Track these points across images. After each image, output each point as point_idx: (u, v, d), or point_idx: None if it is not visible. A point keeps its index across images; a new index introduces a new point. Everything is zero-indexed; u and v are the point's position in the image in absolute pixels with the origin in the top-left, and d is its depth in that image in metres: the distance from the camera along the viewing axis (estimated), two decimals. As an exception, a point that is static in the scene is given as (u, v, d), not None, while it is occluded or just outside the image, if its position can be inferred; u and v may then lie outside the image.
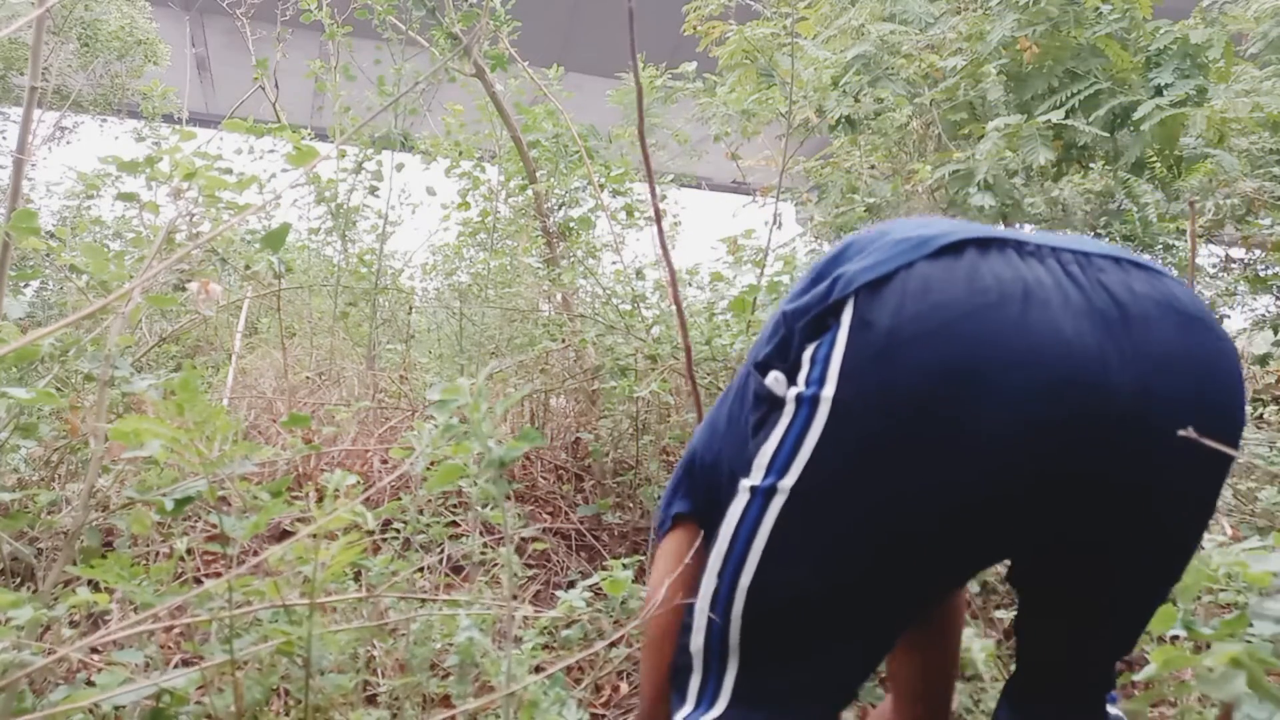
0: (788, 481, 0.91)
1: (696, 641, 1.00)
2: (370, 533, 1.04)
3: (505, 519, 1.05)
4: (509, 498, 2.61)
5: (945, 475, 0.82)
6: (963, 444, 0.81)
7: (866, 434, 0.85)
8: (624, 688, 1.91)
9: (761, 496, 0.94)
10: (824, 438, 0.88)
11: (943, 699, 1.25)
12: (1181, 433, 0.79)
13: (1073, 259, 0.87)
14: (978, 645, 1.42)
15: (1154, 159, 4.14)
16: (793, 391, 0.92)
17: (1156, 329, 0.83)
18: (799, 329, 0.94)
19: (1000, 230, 0.90)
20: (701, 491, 1.21)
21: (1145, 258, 0.92)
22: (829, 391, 0.87)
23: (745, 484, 0.96)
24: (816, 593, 0.91)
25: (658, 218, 1.40)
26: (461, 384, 0.96)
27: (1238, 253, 3.98)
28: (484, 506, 1.56)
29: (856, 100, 4.19)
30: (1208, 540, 1.94)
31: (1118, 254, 0.89)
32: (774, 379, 0.97)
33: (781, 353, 0.98)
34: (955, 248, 0.86)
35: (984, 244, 0.87)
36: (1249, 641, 0.81)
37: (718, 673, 0.98)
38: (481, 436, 0.94)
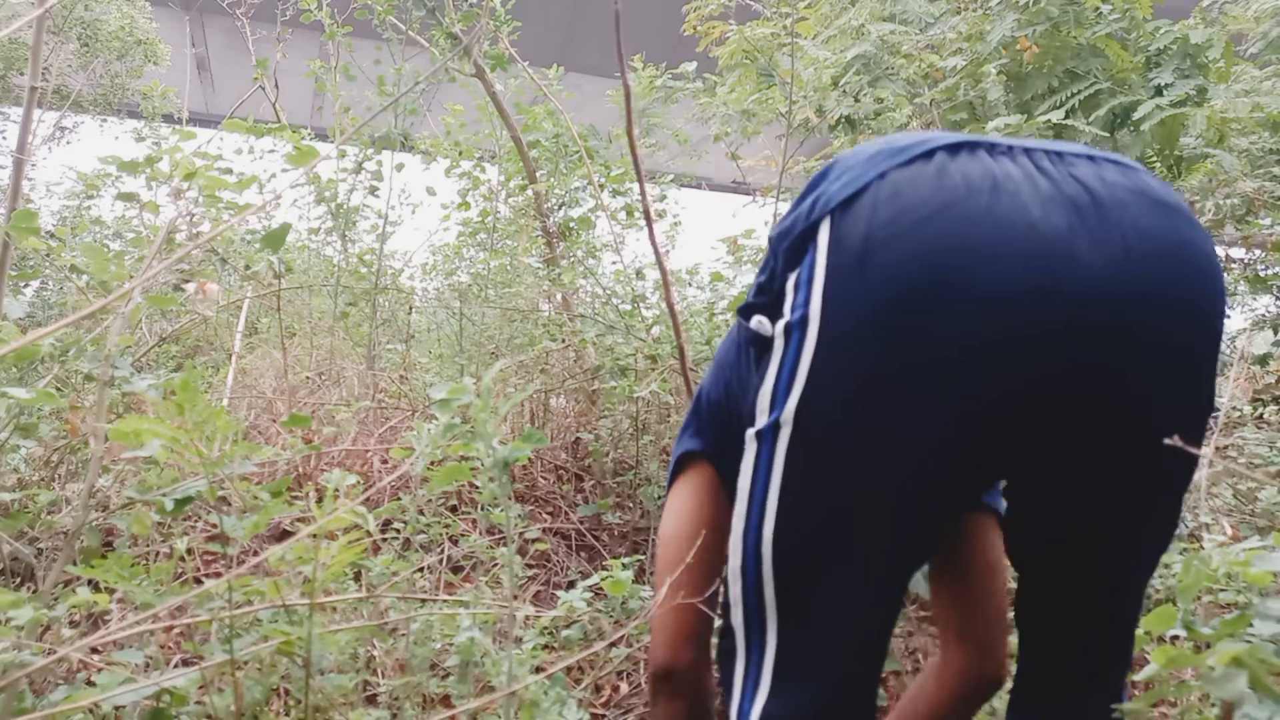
0: (789, 411, 0.90)
1: (736, 615, 0.99)
2: (368, 534, 1.03)
3: (509, 519, 1.05)
4: (510, 498, 2.61)
5: (933, 373, 0.82)
6: (942, 334, 0.81)
7: (856, 346, 0.85)
8: (624, 688, 1.91)
9: (769, 437, 0.93)
10: (816, 359, 0.88)
11: (995, 639, 1.22)
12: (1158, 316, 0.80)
13: (1044, 156, 0.87)
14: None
15: (1154, 159, 4.13)
16: (780, 325, 0.92)
17: (1129, 214, 0.83)
18: (782, 252, 0.94)
19: (972, 135, 0.91)
20: (710, 430, 1.22)
21: (1119, 155, 0.91)
22: (814, 310, 0.87)
23: (751, 433, 0.95)
24: (839, 528, 0.89)
25: (649, 220, 1.40)
26: (466, 383, 0.96)
27: (1238, 253, 3.97)
28: (486, 510, 1.56)
29: (856, 100, 4.19)
30: (1207, 540, 1.94)
31: (1091, 152, 0.89)
32: (757, 322, 0.98)
33: (764, 290, 0.99)
34: (926, 155, 0.87)
35: (954, 148, 0.88)
36: (1249, 641, 0.81)
37: (759, 648, 0.97)
38: (486, 437, 0.95)
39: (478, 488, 1.11)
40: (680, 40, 4.60)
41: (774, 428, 0.92)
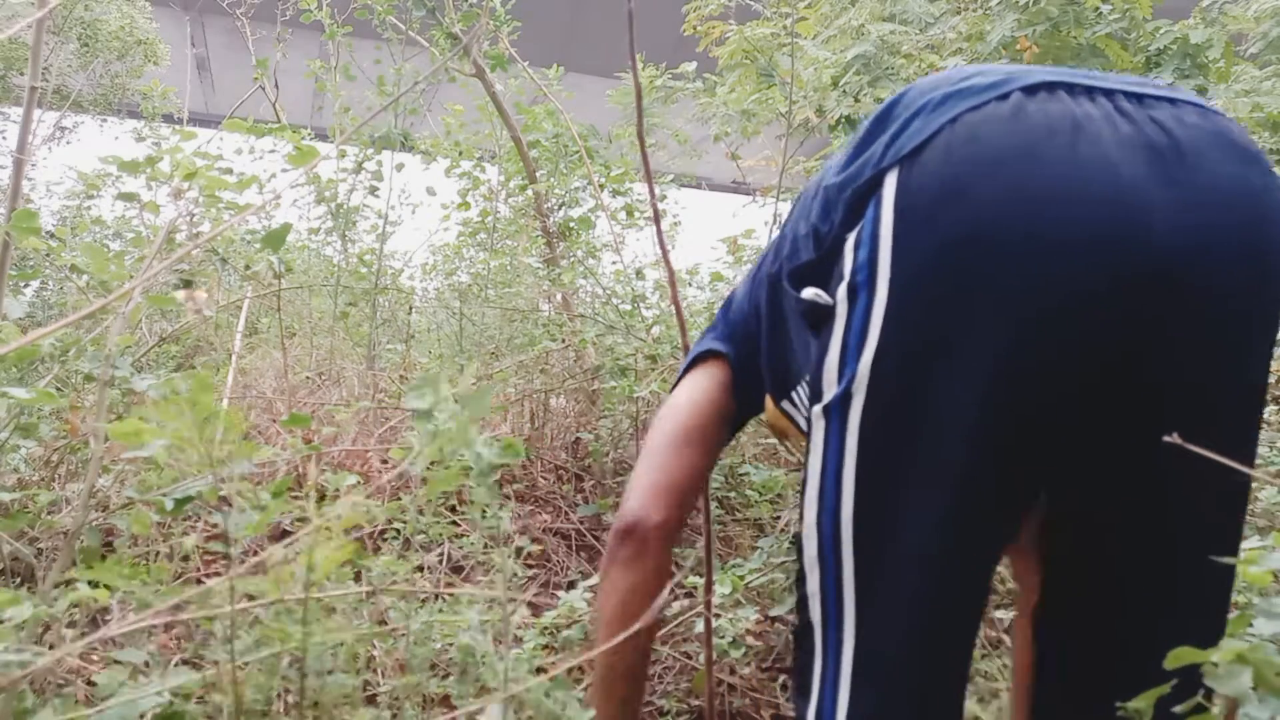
0: (861, 378, 0.84)
1: (815, 610, 0.91)
2: (361, 529, 1.03)
3: (500, 524, 1.05)
4: (508, 499, 2.61)
5: (995, 322, 0.78)
6: (1003, 281, 0.78)
7: (926, 298, 0.81)
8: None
9: (837, 410, 0.86)
10: (887, 318, 0.82)
11: None
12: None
13: (1124, 98, 0.83)
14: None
15: (1154, 159, 4.13)
16: (842, 288, 0.86)
17: (1209, 160, 0.80)
18: (843, 202, 0.88)
19: (1051, 72, 0.86)
20: (734, 341, 1.16)
21: (1199, 97, 0.87)
22: (883, 267, 0.82)
23: (818, 409, 0.89)
24: (919, 500, 0.83)
25: (656, 219, 1.40)
26: (443, 388, 0.91)
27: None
28: (482, 515, 1.55)
29: (856, 100, 4.19)
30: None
31: (1172, 94, 0.85)
32: (813, 294, 0.91)
33: (816, 246, 0.92)
34: (1003, 96, 0.83)
35: (1032, 89, 0.83)
36: (1250, 641, 0.81)
37: (836, 645, 0.89)
38: (470, 444, 0.91)
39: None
40: (680, 40, 4.60)
41: (844, 398, 0.85)
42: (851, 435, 0.86)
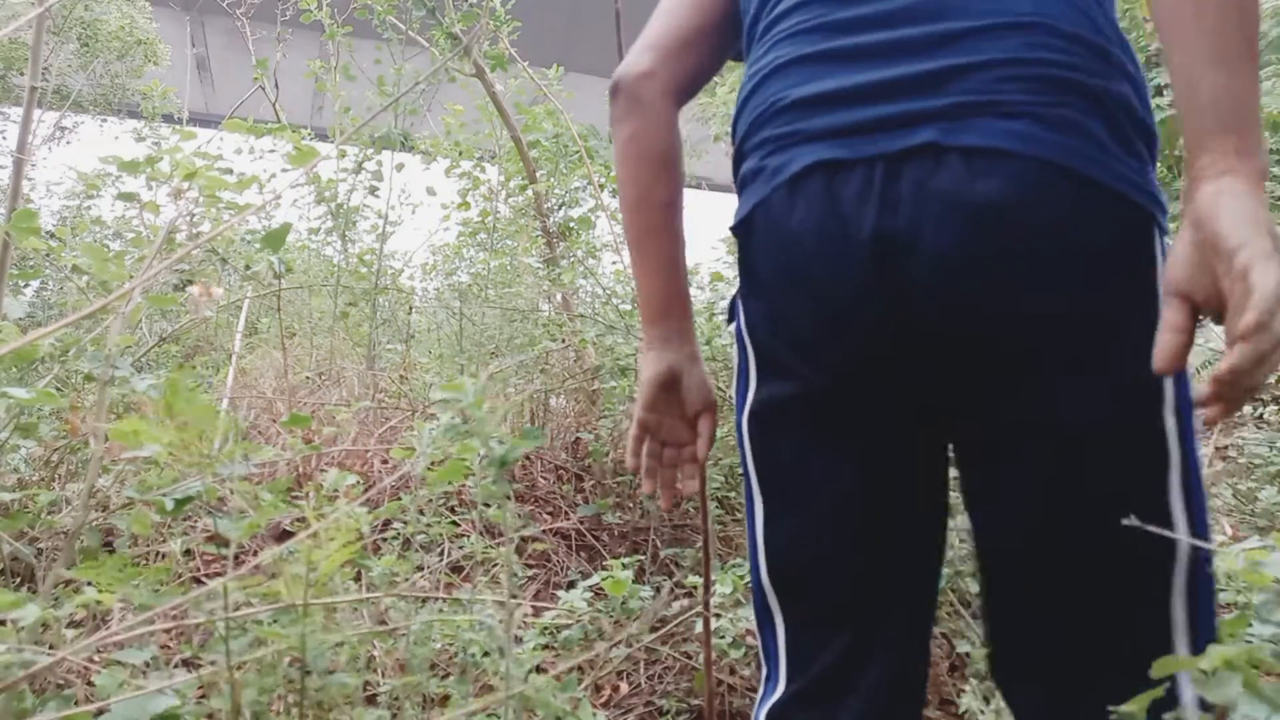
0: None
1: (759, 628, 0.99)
2: (360, 535, 1.03)
3: (506, 519, 1.05)
4: (509, 497, 2.61)
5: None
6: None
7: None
8: (624, 687, 1.91)
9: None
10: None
11: None
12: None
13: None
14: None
15: (1154, 159, 4.13)
16: None
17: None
18: None
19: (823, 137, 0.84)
20: None
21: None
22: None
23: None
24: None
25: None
26: (465, 382, 0.96)
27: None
28: (486, 506, 1.56)
29: (856, 100, 4.19)
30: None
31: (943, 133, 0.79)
32: None
33: None
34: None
35: (795, 179, 0.84)
36: (1249, 642, 0.81)
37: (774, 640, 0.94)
38: (484, 435, 0.94)
39: (475, 489, 1.11)
40: (680, 40, 4.58)
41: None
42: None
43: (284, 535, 2.24)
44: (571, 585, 2.05)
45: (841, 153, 0.81)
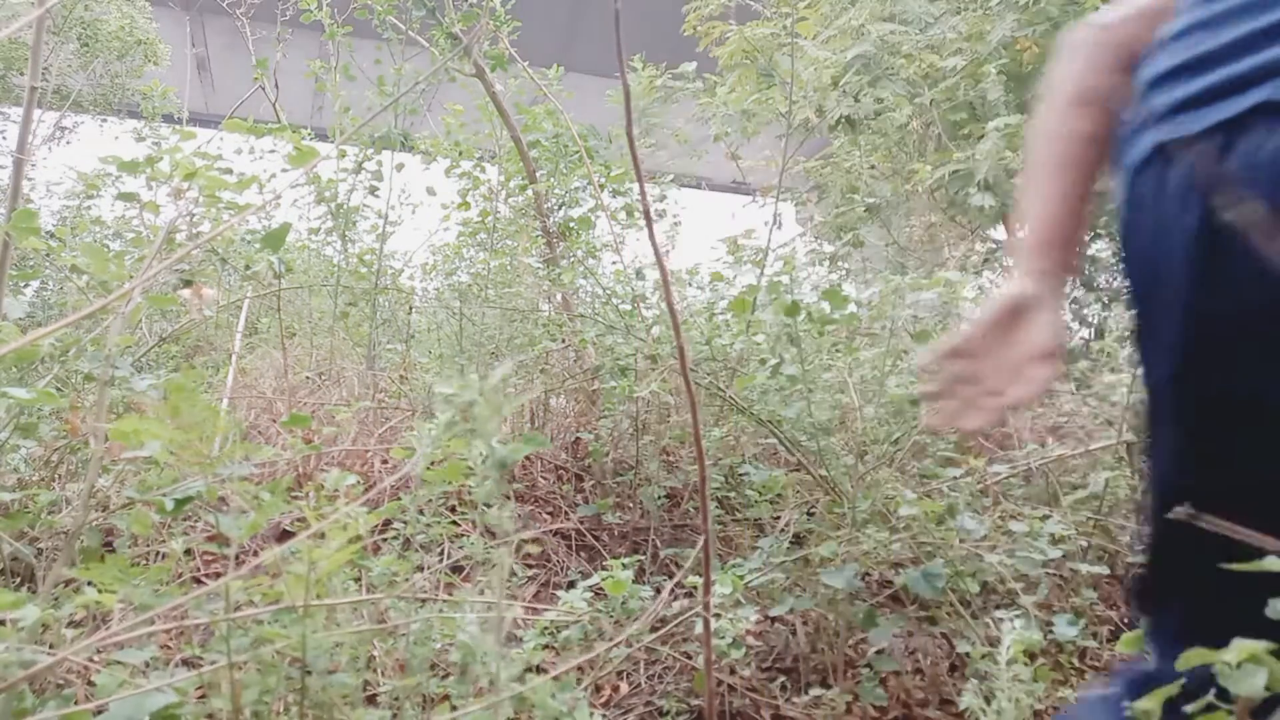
0: None
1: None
2: (359, 536, 1.03)
3: (505, 519, 1.05)
4: (509, 497, 2.61)
5: None
6: None
7: None
8: (624, 687, 1.91)
9: None
10: None
11: None
12: None
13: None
14: (1008, 639, 1.37)
15: (1154, 159, 4.12)
16: None
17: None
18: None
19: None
20: None
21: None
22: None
23: None
24: None
25: (649, 221, 1.40)
26: (470, 380, 0.96)
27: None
28: (487, 507, 1.55)
29: (856, 100, 4.19)
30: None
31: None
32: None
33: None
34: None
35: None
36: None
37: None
38: (485, 435, 0.94)
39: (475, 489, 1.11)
40: (680, 40, 4.60)
41: None
42: None
43: (284, 535, 2.24)
44: (571, 585, 2.05)
45: None
